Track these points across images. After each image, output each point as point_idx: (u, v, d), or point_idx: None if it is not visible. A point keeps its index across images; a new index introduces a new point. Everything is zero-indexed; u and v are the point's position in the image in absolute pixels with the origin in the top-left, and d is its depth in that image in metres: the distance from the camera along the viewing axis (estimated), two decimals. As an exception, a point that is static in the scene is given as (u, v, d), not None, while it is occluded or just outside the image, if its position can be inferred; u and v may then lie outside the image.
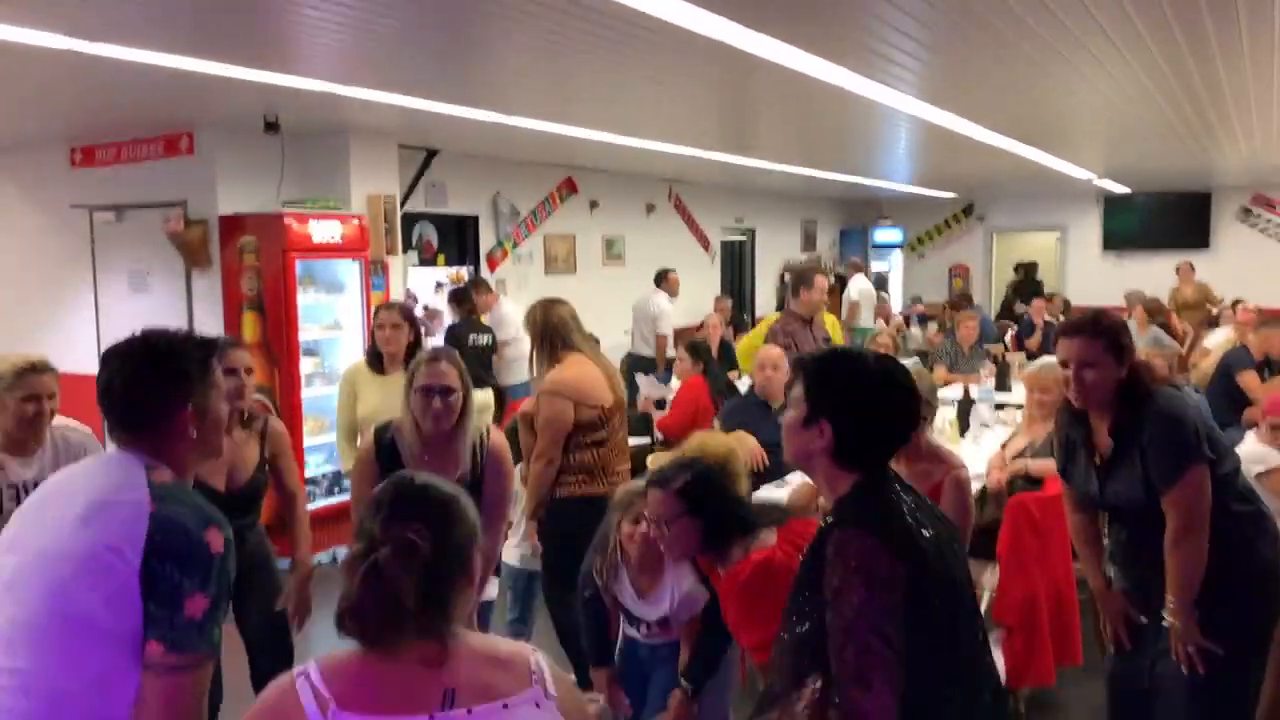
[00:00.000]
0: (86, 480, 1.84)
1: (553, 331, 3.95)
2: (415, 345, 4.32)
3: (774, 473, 4.57)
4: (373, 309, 6.34)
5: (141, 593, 1.64)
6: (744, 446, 4.12)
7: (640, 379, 7.51)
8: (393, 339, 4.31)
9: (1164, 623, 2.69)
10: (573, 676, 1.85)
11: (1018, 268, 15.13)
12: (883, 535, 1.69)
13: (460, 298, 7.49)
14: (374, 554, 1.46)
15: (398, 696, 1.45)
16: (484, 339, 7.22)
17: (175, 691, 1.65)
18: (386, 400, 3.87)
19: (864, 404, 1.81)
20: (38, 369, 3.11)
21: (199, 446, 1.91)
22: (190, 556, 1.67)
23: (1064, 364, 2.75)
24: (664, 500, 2.61)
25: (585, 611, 3.08)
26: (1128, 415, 2.70)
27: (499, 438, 3.25)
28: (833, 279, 14.07)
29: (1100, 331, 2.71)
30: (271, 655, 3.48)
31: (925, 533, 1.74)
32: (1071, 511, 3.06)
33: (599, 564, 2.99)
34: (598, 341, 4.36)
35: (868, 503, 1.77)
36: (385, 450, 3.06)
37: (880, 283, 14.17)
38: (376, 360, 4.41)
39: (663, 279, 9.35)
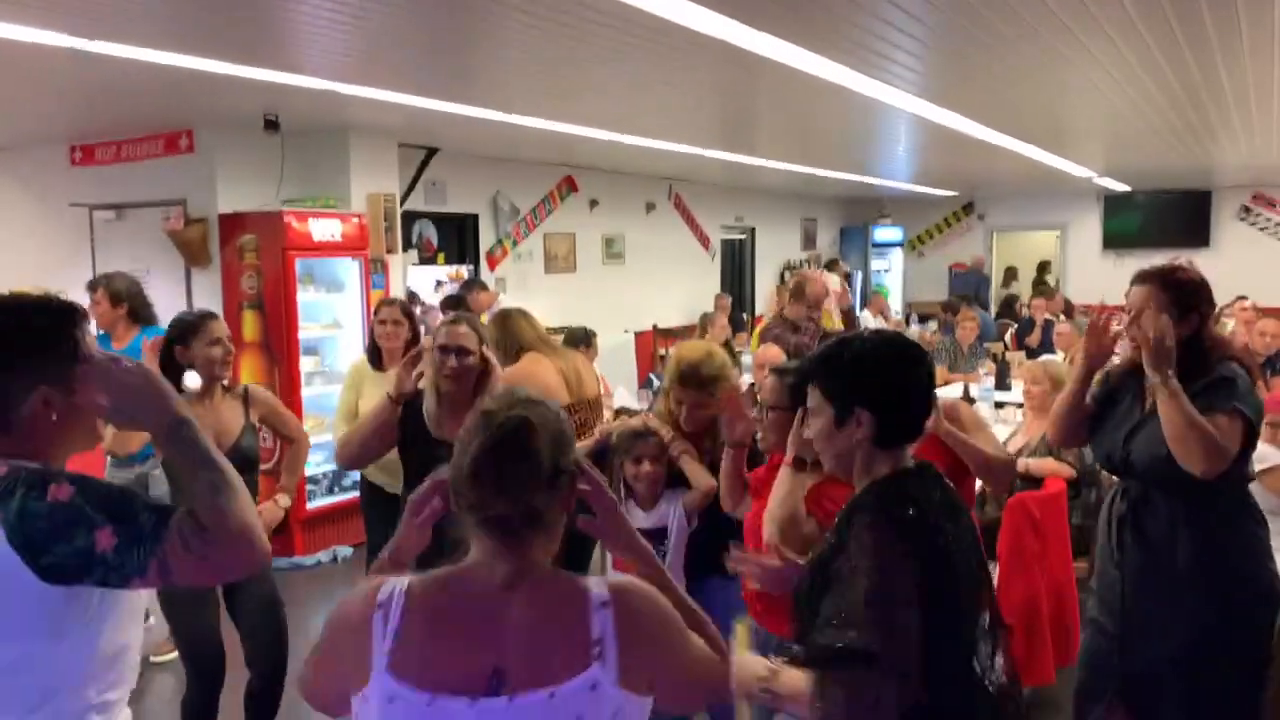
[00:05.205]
0: None
1: (510, 340, 4.19)
2: (413, 342, 4.33)
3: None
4: (374, 305, 6.35)
5: (63, 586, 1.48)
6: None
7: None
8: (393, 335, 4.36)
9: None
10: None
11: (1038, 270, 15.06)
12: (901, 528, 1.67)
13: (454, 304, 7.38)
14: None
15: (451, 656, 1.37)
16: None
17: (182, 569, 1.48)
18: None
19: (894, 383, 1.76)
20: None
21: (68, 434, 1.62)
22: (63, 527, 1.46)
23: (1128, 311, 2.70)
24: (776, 389, 2.78)
25: None
26: (1183, 369, 2.57)
27: None
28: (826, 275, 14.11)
29: (1169, 283, 2.66)
30: (264, 637, 3.39)
31: (945, 531, 1.70)
32: None
33: None
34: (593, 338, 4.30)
35: (895, 495, 1.73)
36: (413, 412, 3.12)
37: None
38: (376, 357, 4.46)
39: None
